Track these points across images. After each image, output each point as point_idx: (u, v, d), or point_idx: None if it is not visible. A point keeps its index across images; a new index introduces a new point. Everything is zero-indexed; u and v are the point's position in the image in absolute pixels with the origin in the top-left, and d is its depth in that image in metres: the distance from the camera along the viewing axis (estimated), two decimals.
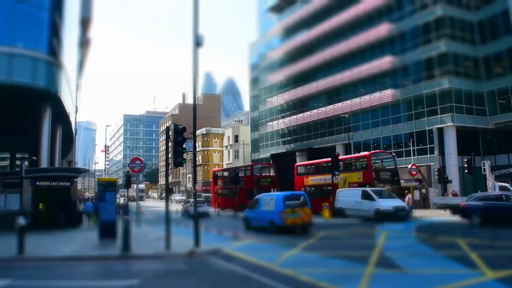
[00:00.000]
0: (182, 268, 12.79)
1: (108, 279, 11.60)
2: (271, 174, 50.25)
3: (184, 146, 17.30)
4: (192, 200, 27.67)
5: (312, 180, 40.15)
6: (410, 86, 48.71)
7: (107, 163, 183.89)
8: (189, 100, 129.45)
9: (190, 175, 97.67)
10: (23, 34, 25.28)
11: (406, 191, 34.35)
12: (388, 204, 27.78)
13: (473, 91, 46.61)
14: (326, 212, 30.69)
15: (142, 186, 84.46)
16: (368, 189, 30.33)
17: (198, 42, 17.36)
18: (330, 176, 33.55)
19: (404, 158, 48.27)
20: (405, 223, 26.23)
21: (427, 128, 46.60)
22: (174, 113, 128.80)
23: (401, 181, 45.85)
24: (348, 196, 31.14)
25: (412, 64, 48.94)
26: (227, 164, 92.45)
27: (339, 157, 35.49)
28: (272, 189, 42.91)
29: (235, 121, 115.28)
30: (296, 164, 46.02)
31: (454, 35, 46.48)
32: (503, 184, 34.92)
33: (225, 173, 55.93)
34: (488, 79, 46.55)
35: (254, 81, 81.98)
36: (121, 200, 52.60)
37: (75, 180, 28.32)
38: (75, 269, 12.97)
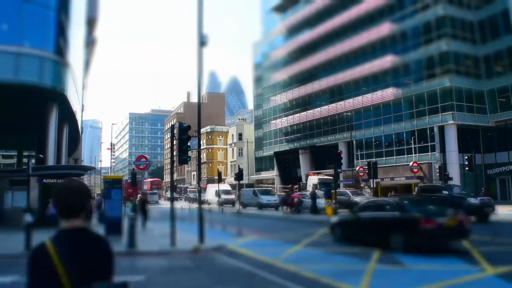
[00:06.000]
0: (187, 264, 12.91)
1: (114, 275, 11.74)
2: None
3: (188, 144, 17.52)
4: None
5: None
6: (411, 85, 48.89)
7: (113, 160, 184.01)
8: (194, 99, 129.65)
9: (195, 173, 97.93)
10: (30, 33, 25.50)
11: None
12: None
13: (474, 90, 46.81)
14: (329, 209, 30.96)
15: (226, 187, 62.45)
16: None
17: (202, 42, 17.63)
18: None
19: (405, 155, 48.54)
20: None
21: (428, 126, 46.85)
22: (179, 112, 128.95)
23: (402, 178, 46.53)
24: None
25: (414, 63, 49.13)
26: (231, 162, 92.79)
27: None
28: None
29: (239, 119, 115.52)
30: None
31: (455, 34, 46.67)
32: None
33: None
34: (488, 78, 46.74)
35: (258, 80, 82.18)
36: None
37: (82, 177, 28.54)
38: None
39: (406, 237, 13.44)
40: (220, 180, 54.98)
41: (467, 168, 38.44)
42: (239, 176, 42.66)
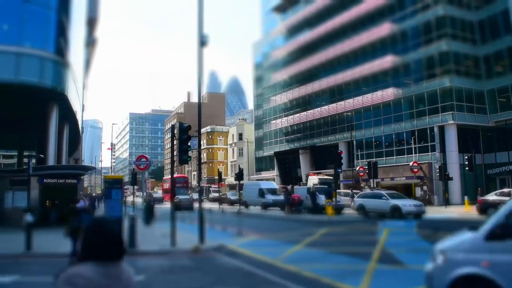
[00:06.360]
0: (187, 264, 12.94)
1: None
2: None
3: (189, 144, 17.53)
4: None
5: None
6: (411, 85, 48.88)
7: (113, 160, 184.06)
8: (194, 99, 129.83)
9: (195, 173, 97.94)
10: (31, 33, 25.54)
11: None
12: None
13: (474, 90, 46.81)
14: (329, 209, 30.95)
15: (272, 185, 49.99)
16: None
17: (203, 42, 17.64)
18: None
19: (405, 155, 48.54)
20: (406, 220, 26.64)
21: (428, 126, 46.84)
22: (179, 112, 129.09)
23: (402, 178, 46.58)
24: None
25: (414, 63, 49.12)
26: (231, 162, 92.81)
27: None
28: None
29: (239, 119, 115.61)
30: None
31: (455, 34, 46.65)
32: None
33: None
34: (488, 78, 46.74)
35: (258, 80, 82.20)
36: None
37: (82, 177, 28.58)
38: None
39: None
40: (220, 180, 55.07)
41: (467, 168, 38.49)
42: (239, 176, 42.74)
